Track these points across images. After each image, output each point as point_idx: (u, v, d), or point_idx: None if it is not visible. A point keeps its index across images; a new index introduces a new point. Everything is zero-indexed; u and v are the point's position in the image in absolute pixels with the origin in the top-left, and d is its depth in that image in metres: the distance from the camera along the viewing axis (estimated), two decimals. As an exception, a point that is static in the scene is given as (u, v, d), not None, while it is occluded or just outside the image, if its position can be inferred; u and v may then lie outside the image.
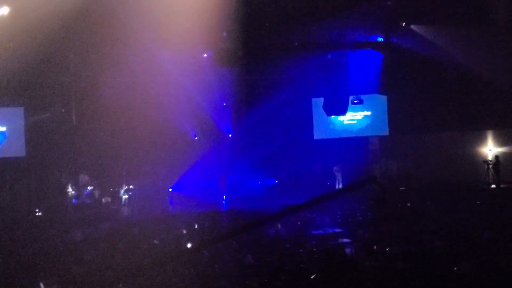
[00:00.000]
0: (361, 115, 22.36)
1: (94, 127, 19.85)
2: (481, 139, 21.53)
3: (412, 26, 19.98)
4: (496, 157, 20.35)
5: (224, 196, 20.10)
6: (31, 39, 16.40)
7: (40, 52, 17.00)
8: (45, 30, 15.93)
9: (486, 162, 20.48)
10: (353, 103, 21.04)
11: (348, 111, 21.31)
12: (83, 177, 20.20)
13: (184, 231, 13.33)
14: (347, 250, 10.74)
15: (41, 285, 8.68)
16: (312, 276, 7.92)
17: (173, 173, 20.88)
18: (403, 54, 20.54)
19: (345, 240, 12.20)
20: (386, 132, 22.28)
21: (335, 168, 21.12)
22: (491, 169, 20.16)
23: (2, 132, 19.57)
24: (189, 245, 11.01)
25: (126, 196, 20.02)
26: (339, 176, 21.00)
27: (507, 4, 18.07)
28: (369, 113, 22.32)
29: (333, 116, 21.90)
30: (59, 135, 19.94)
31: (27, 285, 9.14)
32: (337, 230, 13.22)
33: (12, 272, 9.81)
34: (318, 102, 21.86)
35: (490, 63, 19.07)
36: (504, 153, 20.90)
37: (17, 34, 16.03)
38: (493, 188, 19.68)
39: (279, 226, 12.57)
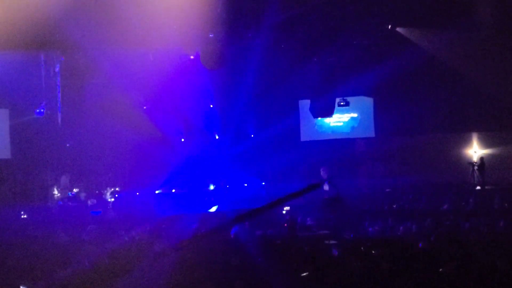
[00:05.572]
0: (347, 117, 22.44)
1: (80, 129, 19.74)
2: (466, 141, 21.71)
3: (398, 29, 20.08)
4: (481, 158, 20.52)
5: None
6: (15, 39, 16.25)
7: (24, 53, 16.86)
8: (28, 30, 15.79)
9: (471, 163, 20.65)
10: (339, 105, 21.09)
11: (334, 113, 21.37)
12: (68, 179, 20.05)
13: (171, 233, 13.26)
14: (334, 252, 10.75)
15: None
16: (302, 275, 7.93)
17: (160, 175, 20.81)
18: (389, 56, 20.62)
19: (332, 241, 12.20)
20: (372, 134, 22.42)
21: (321, 169, 21.12)
22: (476, 171, 20.34)
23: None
24: (174, 246, 10.96)
25: (112, 199, 19.91)
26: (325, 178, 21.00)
27: (494, 8, 18.23)
28: (355, 115, 22.42)
29: (319, 118, 21.96)
30: (44, 137, 19.79)
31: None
32: (324, 231, 13.22)
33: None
34: (304, 104, 21.90)
35: (476, 66, 19.23)
36: (488, 155, 21.09)
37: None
38: (478, 189, 19.83)
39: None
